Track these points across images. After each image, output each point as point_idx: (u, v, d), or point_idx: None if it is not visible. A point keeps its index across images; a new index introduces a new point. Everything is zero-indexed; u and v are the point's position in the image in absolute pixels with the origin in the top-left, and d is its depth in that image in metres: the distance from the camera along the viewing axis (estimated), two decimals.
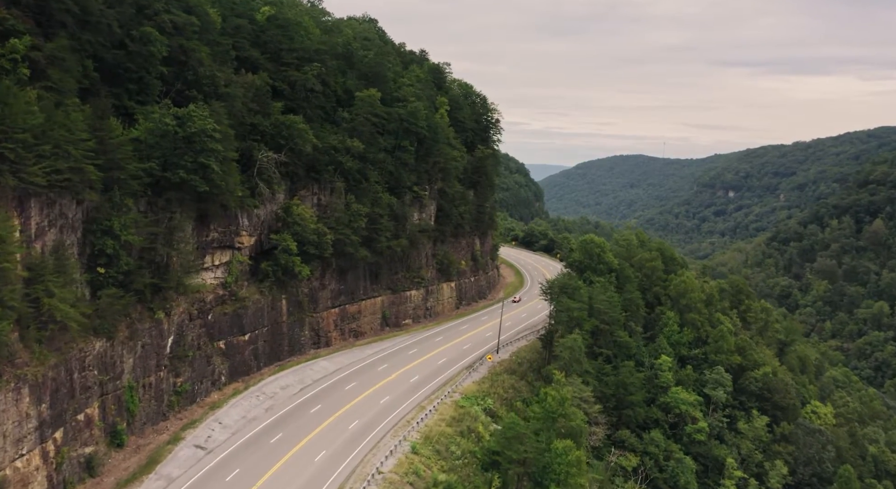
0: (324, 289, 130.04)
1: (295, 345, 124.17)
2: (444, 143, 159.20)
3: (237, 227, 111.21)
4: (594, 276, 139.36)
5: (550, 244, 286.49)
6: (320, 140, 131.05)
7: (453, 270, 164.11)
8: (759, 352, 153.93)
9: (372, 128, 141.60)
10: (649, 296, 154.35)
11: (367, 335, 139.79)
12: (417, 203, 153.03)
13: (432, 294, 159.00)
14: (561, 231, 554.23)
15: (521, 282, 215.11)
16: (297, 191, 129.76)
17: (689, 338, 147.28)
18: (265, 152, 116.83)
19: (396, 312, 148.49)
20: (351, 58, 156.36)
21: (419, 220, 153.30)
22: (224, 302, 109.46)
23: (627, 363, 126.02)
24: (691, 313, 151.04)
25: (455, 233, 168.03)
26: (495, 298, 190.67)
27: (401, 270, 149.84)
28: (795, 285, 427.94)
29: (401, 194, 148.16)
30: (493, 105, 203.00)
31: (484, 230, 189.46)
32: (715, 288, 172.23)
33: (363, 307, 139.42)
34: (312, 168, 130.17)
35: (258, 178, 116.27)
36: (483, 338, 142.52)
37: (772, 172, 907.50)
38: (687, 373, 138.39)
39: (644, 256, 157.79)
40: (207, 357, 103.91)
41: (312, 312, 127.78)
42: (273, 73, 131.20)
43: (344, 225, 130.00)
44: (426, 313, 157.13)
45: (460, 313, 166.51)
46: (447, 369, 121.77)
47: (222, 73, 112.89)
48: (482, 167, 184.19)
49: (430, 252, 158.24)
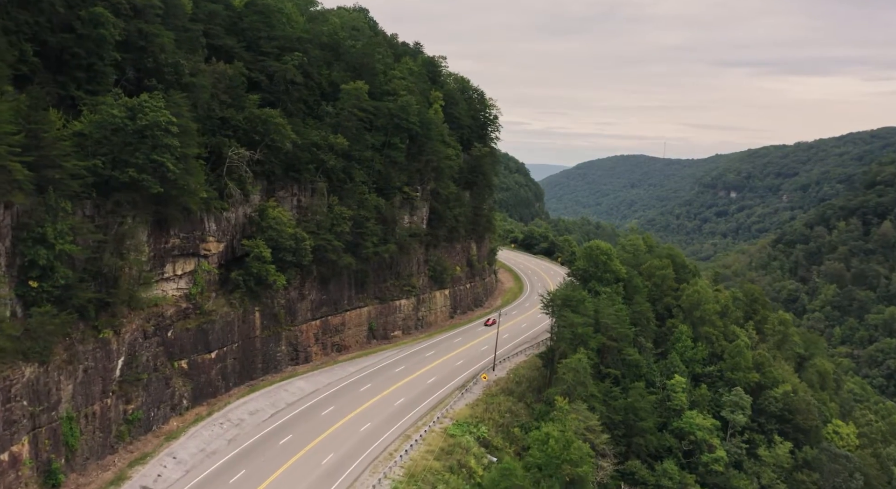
0: (303, 300, 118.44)
1: (270, 363, 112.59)
2: (437, 141, 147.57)
3: (203, 232, 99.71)
4: (600, 286, 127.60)
5: (551, 247, 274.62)
6: (301, 136, 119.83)
7: (447, 277, 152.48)
8: (778, 369, 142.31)
9: (358, 123, 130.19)
10: (660, 307, 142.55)
11: (352, 349, 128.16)
12: (408, 205, 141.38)
13: (424, 303, 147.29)
14: (561, 232, 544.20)
15: (521, 288, 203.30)
16: (274, 192, 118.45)
17: (704, 355, 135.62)
18: (236, 149, 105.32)
19: (384, 323, 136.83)
20: (338, 48, 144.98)
21: (410, 224, 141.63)
22: (187, 316, 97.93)
23: (637, 385, 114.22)
24: (705, 326, 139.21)
25: (449, 237, 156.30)
26: (493, 306, 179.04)
27: (389, 278, 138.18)
28: (803, 289, 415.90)
29: (390, 195, 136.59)
30: (491, 101, 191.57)
31: (481, 233, 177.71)
32: (729, 298, 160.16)
33: (347, 319, 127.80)
34: (292, 167, 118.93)
35: (227, 177, 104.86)
36: (478, 353, 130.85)
37: (774, 173, 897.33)
38: (702, 393, 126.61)
39: (654, 264, 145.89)
40: (166, 379, 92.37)
41: (290, 325, 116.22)
42: (250, 63, 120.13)
43: (326, 229, 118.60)
44: (417, 324, 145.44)
45: (454, 323, 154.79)
46: (437, 390, 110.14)
47: (189, 61, 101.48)
48: (479, 166, 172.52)
49: (421, 258, 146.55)
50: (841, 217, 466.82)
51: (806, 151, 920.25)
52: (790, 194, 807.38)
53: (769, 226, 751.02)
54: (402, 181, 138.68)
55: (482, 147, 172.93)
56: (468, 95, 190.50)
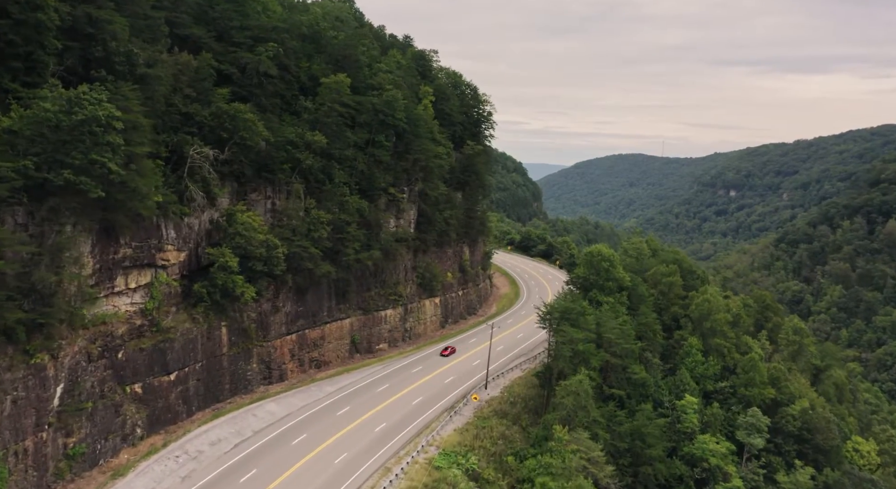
0: (277, 313, 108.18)
1: (239, 383, 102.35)
2: (426, 138, 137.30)
3: (160, 240, 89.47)
4: (602, 296, 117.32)
5: (549, 249, 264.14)
6: (275, 133, 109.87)
7: (437, 284, 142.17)
8: (794, 383, 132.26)
9: (339, 119, 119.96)
10: (666, 317, 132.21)
11: (333, 364, 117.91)
12: (394, 207, 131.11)
13: (412, 313, 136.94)
14: (560, 232, 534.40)
15: (517, 293, 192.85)
16: (246, 194, 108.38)
17: (716, 370, 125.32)
18: (198, 147, 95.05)
19: (369, 336, 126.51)
20: (319, 40, 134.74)
21: (396, 228, 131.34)
22: (142, 334, 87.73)
23: (644, 407, 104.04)
24: (716, 338, 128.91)
25: (439, 241, 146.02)
26: (487, 313, 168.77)
27: (374, 287, 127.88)
28: (807, 290, 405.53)
29: (374, 197, 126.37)
30: (484, 96, 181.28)
31: (474, 237, 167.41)
32: (740, 306, 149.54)
33: (327, 332, 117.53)
34: (265, 167, 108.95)
35: (189, 179, 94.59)
36: (469, 368, 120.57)
37: (774, 171, 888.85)
38: (713, 412, 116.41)
39: (660, 271, 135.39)
40: (115, 406, 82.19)
41: (262, 341, 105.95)
42: (220, 54, 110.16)
43: (302, 235, 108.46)
44: (405, 335, 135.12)
45: (445, 334, 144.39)
46: (423, 412, 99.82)
47: (146, 51, 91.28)
48: (472, 165, 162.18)
49: (409, 264, 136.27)
50: (845, 216, 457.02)
51: (806, 149, 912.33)
52: (790, 193, 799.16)
53: (769, 224, 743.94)
54: (387, 182, 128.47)
55: (475, 145, 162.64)
56: (461, 91, 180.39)
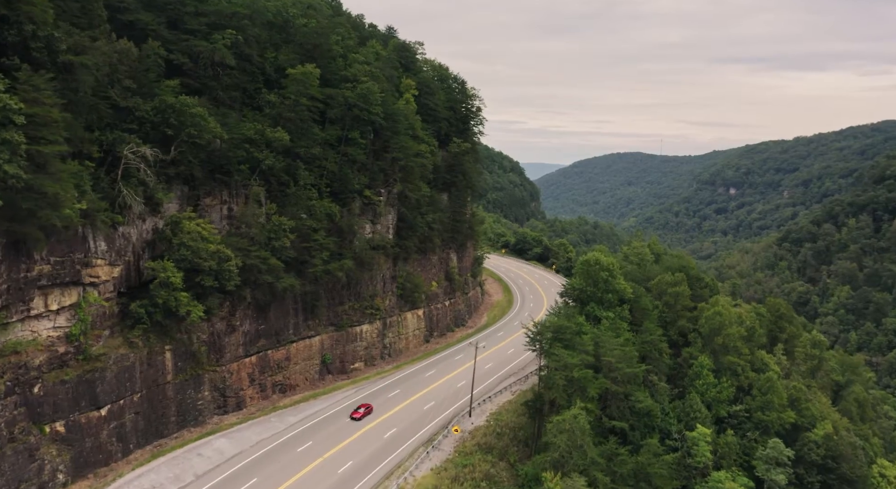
0: (233, 333, 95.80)
1: (188, 414, 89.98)
2: (406, 135, 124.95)
3: (86, 253, 77.17)
4: (601, 310, 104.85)
5: (545, 252, 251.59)
6: (230, 130, 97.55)
7: (420, 295, 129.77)
8: (815, 404, 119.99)
9: (306, 114, 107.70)
10: (673, 332, 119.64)
11: (300, 388, 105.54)
12: (370, 211, 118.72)
13: (392, 327, 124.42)
14: (558, 233, 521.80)
15: (510, 301, 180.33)
16: (199, 199, 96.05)
17: (730, 393, 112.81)
18: (134, 146, 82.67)
19: (342, 355, 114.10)
20: (287, 28, 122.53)
21: (372, 234, 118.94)
22: (65, 363, 75.53)
23: (650, 441, 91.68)
24: (729, 356, 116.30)
25: (422, 247, 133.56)
26: (477, 324, 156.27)
27: (348, 300, 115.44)
28: (814, 291, 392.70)
29: (347, 201, 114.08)
30: (473, 90, 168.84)
31: (462, 241, 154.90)
32: (753, 318, 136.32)
33: (293, 352, 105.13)
34: (220, 168, 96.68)
35: (123, 183, 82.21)
36: (453, 391, 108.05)
37: (774, 168, 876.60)
38: (728, 442, 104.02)
39: (665, 280, 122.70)
40: (30, 450, 70.01)
41: (215, 365, 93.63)
42: (171, 42, 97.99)
43: (261, 244, 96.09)
44: (384, 353, 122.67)
45: (429, 350, 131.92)
46: (396, 447, 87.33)
47: (72, 37, 79.29)
48: (458, 165, 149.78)
49: (388, 274, 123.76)
50: (850, 214, 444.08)
51: (805, 146, 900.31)
52: (791, 190, 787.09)
53: (771, 223, 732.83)
54: (362, 183, 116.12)
55: (462, 142, 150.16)
56: (448, 85, 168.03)
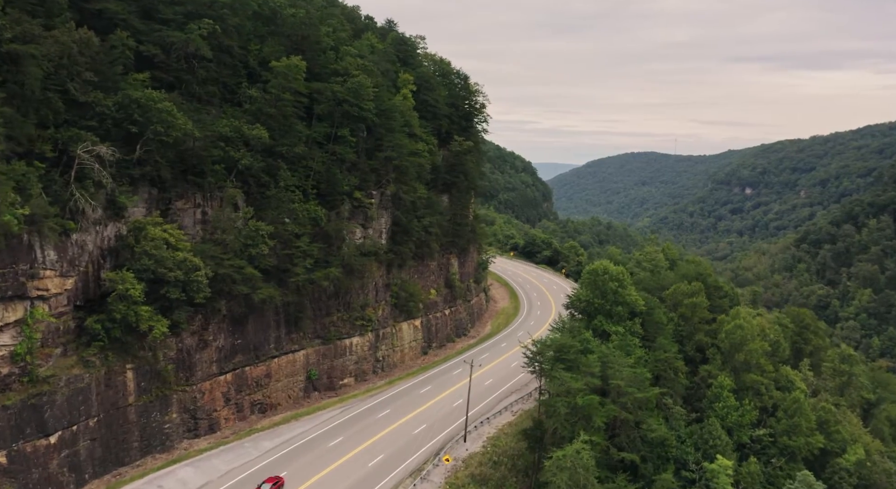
0: (205, 348, 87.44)
1: (153, 439, 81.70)
2: (400, 132, 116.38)
3: (32, 264, 69.02)
4: (609, 324, 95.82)
5: (554, 255, 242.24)
6: (204, 127, 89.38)
7: (416, 304, 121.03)
8: (846, 426, 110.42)
9: (290, 110, 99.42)
10: (689, 347, 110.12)
11: (282, 408, 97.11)
12: (360, 215, 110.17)
13: (385, 339, 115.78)
14: (571, 233, 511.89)
15: (517, 308, 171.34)
16: (170, 202, 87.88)
17: (752, 417, 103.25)
18: (89, 145, 74.51)
19: (329, 370, 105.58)
20: (274, 19, 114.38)
21: (363, 239, 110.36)
22: (7, 387, 67.48)
23: (664, 476, 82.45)
24: (751, 374, 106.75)
25: (419, 253, 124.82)
26: (480, 334, 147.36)
27: (336, 310, 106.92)
28: (833, 294, 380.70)
29: (335, 203, 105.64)
30: (476, 86, 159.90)
31: (464, 246, 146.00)
32: (777, 330, 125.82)
33: (274, 368, 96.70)
34: (193, 169, 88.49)
35: (77, 185, 74.07)
36: (449, 410, 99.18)
37: (790, 168, 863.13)
38: (751, 471, 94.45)
39: (681, 290, 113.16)
40: None
41: (185, 385, 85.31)
42: (143, 33, 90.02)
43: (236, 252, 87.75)
44: (376, 367, 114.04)
45: (427, 363, 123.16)
46: (381, 478, 78.39)
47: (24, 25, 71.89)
48: (459, 164, 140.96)
49: (381, 282, 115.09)
50: (870, 214, 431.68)
51: (822, 145, 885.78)
52: (808, 190, 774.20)
53: (787, 223, 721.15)
54: (352, 184, 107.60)
55: (463, 140, 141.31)
56: (449, 81, 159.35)
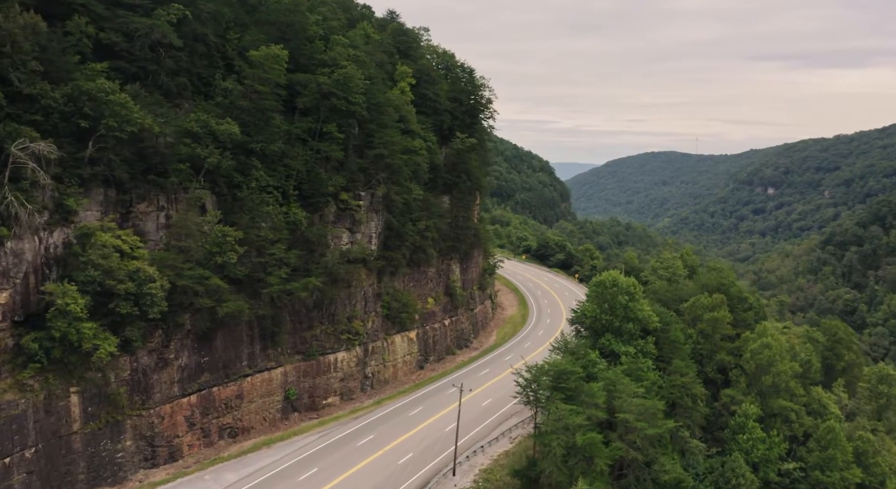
0: (165, 368, 78.50)
1: (103, 470, 72.92)
2: (393, 128, 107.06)
3: None
4: (618, 344, 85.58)
5: (568, 259, 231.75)
6: (167, 122, 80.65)
7: (410, 315, 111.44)
8: (885, 456, 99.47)
9: (267, 103, 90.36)
10: (709, 368, 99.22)
11: (256, 431, 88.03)
12: (347, 218, 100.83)
13: (375, 354, 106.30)
14: (589, 234, 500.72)
15: (525, 316, 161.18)
16: (131, 205, 79.25)
17: (781, 449, 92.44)
18: (25, 142, 65.91)
19: (312, 388, 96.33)
20: (257, 6, 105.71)
21: (351, 245, 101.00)
22: None
23: None
24: (780, 399, 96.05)
25: (414, 259, 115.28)
26: (484, 345, 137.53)
27: (319, 323, 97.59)
28: (861, 298, 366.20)
29: (319, 206, 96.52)
30: (482, 80, 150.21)
31: (466, 251, 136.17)
32: (808, 348, 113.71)
33: (247, 388, 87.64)
34: (155, 168, 79.76)
35: (10, 186, 65.47)
36: (441, 435, 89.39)
37: (814, 167, 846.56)
38: None
39: (701, 303, 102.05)
40: None
41: (141, 408, 76.40)
42: (106, 19, 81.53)
43: (199, 260, 78.79)
44: (365, 384, 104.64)
45: (422, 379, 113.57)
46: None
47: None
48: (461, 163, 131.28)
49: (370, 291, 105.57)
50: None
51: (847, 144, 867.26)
52: (832, 190, 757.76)
53: (811, 223, 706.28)
54: (337, 185, 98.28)
55: (466, 137, 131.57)
56: (454, 74, 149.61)
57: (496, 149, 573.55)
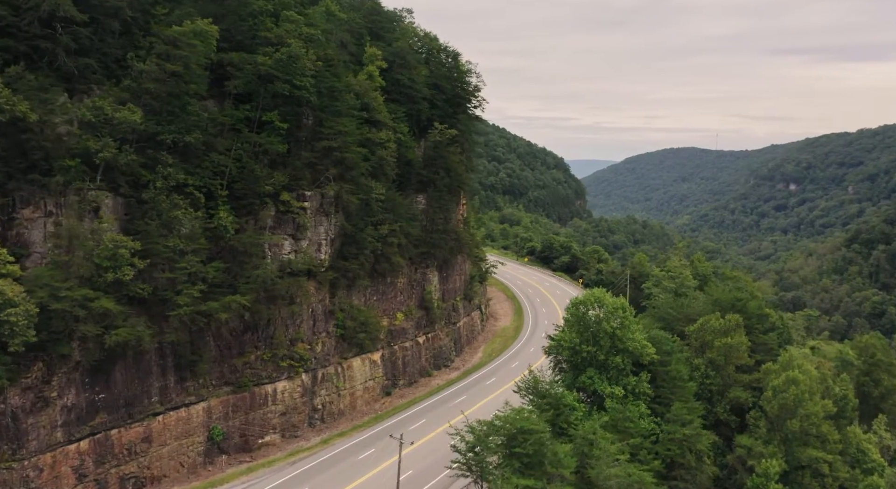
0: (45, 408, 63.75)
1: None
2: (347, 116, 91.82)
3: None
4: (604, 383, 69.03)
5: (573, 261, 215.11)
6: (51, 111, 66.21)
7: (371, 335, 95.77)
8: None
9: (184, 87, 75.47)
10: (721, 408, 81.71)
11: (170, 480, 73.08)
12: (289, 223, 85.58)
13: (326, 382, 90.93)
14: (603, 233, 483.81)
15: (519, 328, 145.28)
16: (14, 210, 65.03)
17: None
18: None
19: (245, 426, 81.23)
20: None
21: (293, 254, 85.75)
22: None
23: None
24: (809, 448, 78.82)
25: (378, 270, 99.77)
26: (467, 364, 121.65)
27: (254, 348, 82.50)
28: (890, 300, 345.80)
29: (253, 208, 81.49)
30: (468, 65, 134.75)
31: (446, 257, 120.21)
32: (844, 382, 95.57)
33: (157, 428, 72.76)
34: (37, 165, 65.45)
35: None
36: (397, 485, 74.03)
37: (837, 162, 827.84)
38: None
39: (711, 325, 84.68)
40: None
41: (10, 460, 61.71)
42: None
43: (83, 278, 64.09)
44: (313, 418, 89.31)
45: (387, 408, 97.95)
46: None
47: None
48: (440, 158, 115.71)
49: (320, 308, 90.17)
50: None
51: (871, 139, 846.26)
52: (856, 185, 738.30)
53: (835, 220, 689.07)
54: (278, 184, 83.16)
55: (445, 128, 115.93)
56: (437, 58, 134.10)
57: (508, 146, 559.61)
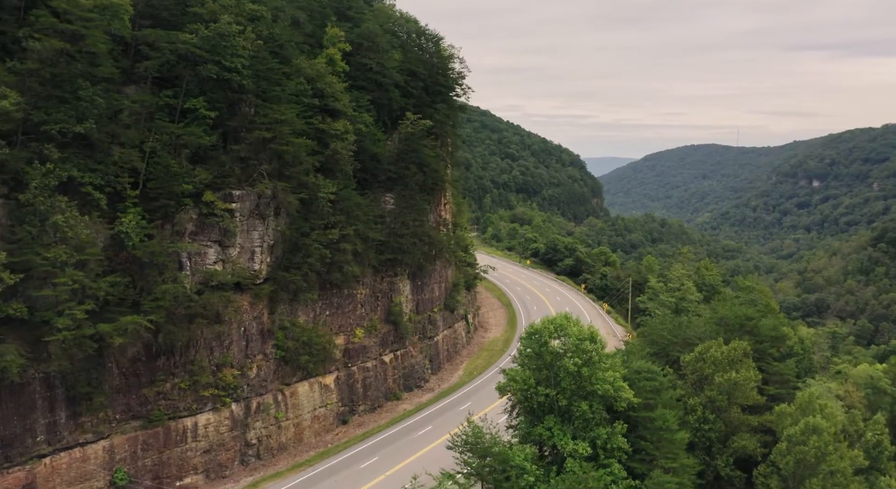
0: None
1: None
2: (288, 102, 79.30)
3: None
4: (565, 437, 53.00)
5: (577, 265, 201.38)
6: None
7: (316, 358, 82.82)
8: None
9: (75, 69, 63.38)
10: (722, 461, 66.77)
11: None
12: (214, 228, 73.00)
13: (262, 413, 78.25)
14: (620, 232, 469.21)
15: (508, 340, 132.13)
16: None
17: None
18: None
19: (159, 466, 68.85)
20: None
21: (219, 264, 73.22)
22: None
23: None
24: None
25: (330, 280, 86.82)
26: (444, 384, 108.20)
27: (170, 376, 70.08)
28: None
29: (168, 211, 69.08)
30: (451, 49, 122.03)
31: (421, 264, 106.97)
32: (877, 425, 79.36)
33: (43, 473, 60.53)
34: None
35: None
36: None
37: (861, 158, 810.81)
38: None
39: (712, 354, 69.40)
40: None
41: None
42: None
43: None
44: (246, 455, 76.75)
45: (342, 440, 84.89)
46: None
47: None
48: (412, 152, 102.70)
49: (255, 327, 77.52)
50: None
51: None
52: (881, 182, 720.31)
53: (859, 218, 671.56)
54: (200, 182, 70.67)
55: (418, 118, 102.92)
56: (416, 42, 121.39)
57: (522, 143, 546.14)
